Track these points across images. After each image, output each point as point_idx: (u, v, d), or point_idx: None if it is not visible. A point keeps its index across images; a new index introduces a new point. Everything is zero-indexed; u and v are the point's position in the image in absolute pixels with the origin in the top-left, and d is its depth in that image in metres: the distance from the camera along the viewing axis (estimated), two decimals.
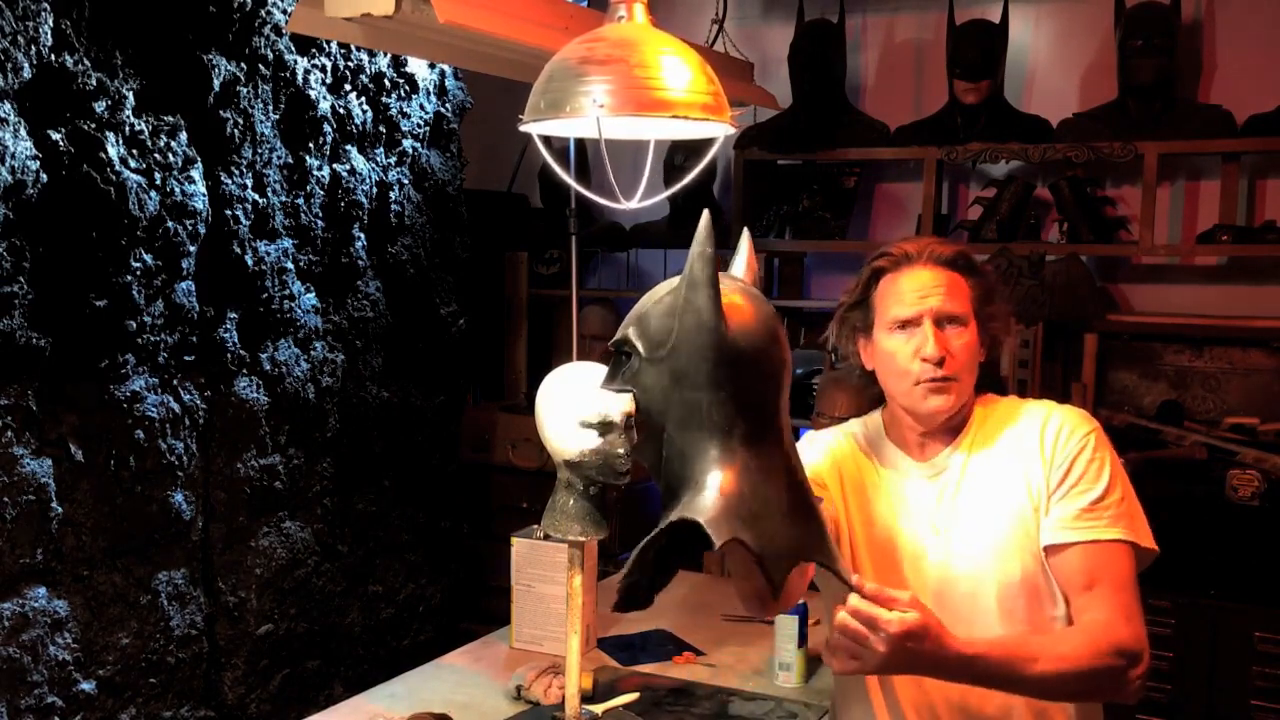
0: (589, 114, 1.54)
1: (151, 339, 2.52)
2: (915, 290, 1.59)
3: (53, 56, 2.23)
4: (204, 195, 2.61)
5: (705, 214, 1.31)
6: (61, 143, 2.26)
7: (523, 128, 1.67)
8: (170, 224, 2.52)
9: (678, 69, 1.57)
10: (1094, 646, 1.45)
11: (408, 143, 3.34)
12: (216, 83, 2.62)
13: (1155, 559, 1.55)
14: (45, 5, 2.20)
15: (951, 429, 1.64)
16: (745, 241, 1.40)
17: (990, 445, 1.61)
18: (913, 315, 1.58)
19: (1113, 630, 1.46)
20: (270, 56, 2.77)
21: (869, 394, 1.72)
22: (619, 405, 1.80)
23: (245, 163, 2.74)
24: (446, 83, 3.50)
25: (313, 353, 3.03)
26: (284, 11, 2.74)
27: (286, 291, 2.89)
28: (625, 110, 1.55)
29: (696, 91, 1.58)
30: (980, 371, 1.64)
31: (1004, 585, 1.55)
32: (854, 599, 1.31)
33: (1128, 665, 1.45)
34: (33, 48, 2.18)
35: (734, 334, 1.29)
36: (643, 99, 1.54)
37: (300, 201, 2.92)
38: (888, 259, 1.64)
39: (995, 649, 1.42)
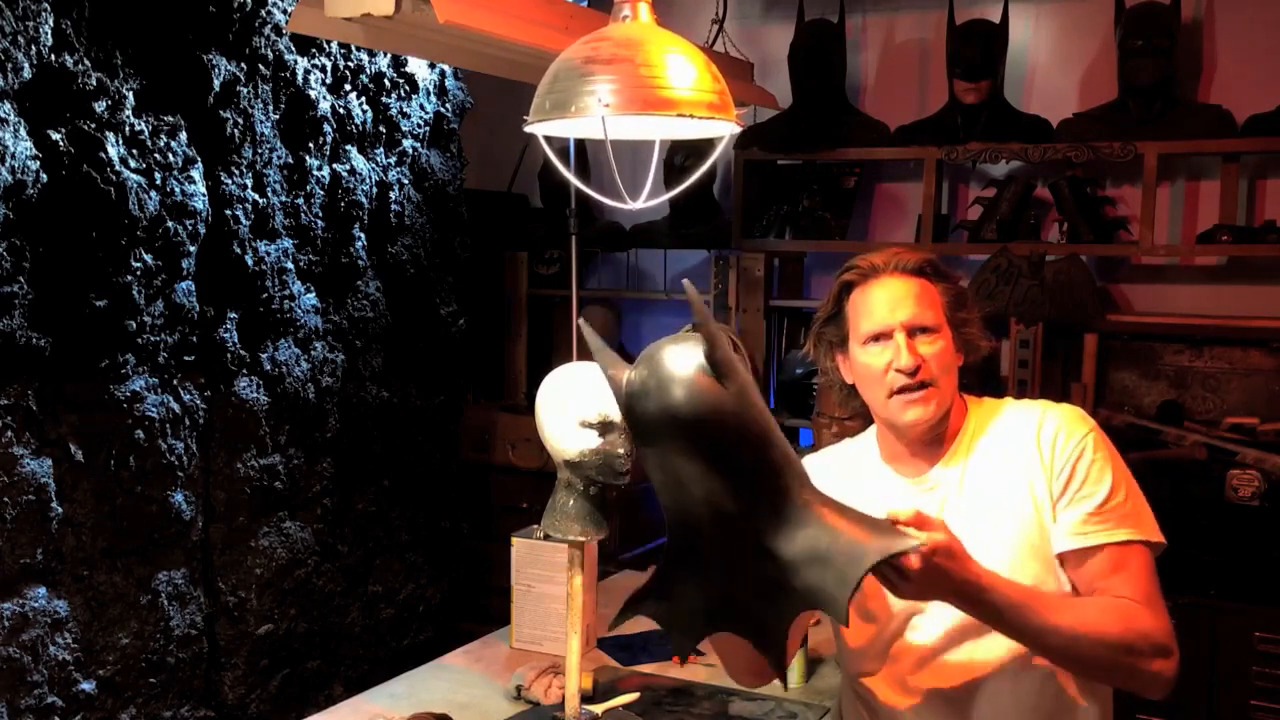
0: (594, 114, 1.54)
1: (151, 339, 2.52)
2: (885, 302, 1.58)
3: (53, 56, 2.23)
4: (204, 195, 2.61)
5: (687, 284, 1.30)
6: (61, 143, 2.26)
7: (528, 128, 1.67)
8: (170, 224, 2.52)
9: (683, 68, 1.57)
10: (1119, 620, 1.44)
11: (408, 143, 3.34)
12: (216, 83, 2.62)
13: (1163, 550, 1.55)
14: (45, 5, 2.20)
15: (939, 439, 1.62)
16: None
17: (984, 453, 1.60)
18: (884, 328, 1.57)
19: (1138, 614, 1.45)
20: (270, 56, 2.77)
21: (853, 406, 1.71)
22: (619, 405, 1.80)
23: (245, 163, 2.74)
24: (446, 83, 3.50)
25: (313, 353, 3.03)
26: (284, 11, 2.74)
27: (286, 291, 2.89)
28: (631, 109, 1.54)
29: (702, 90, 1.58)
30: (974, 374, 1.64)
31: None
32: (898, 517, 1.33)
33: (1151, 654, 1.44)
34: (33, 48, 2.18)
35: (637, 421, 1.29)
36: (648, 98, 1.54)
37: (300, 201, 2.92)
38: (855, 272, 1.63)
39: (1014, 588, 1.41)
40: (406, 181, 3.36)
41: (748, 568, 1.30)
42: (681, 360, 1.26)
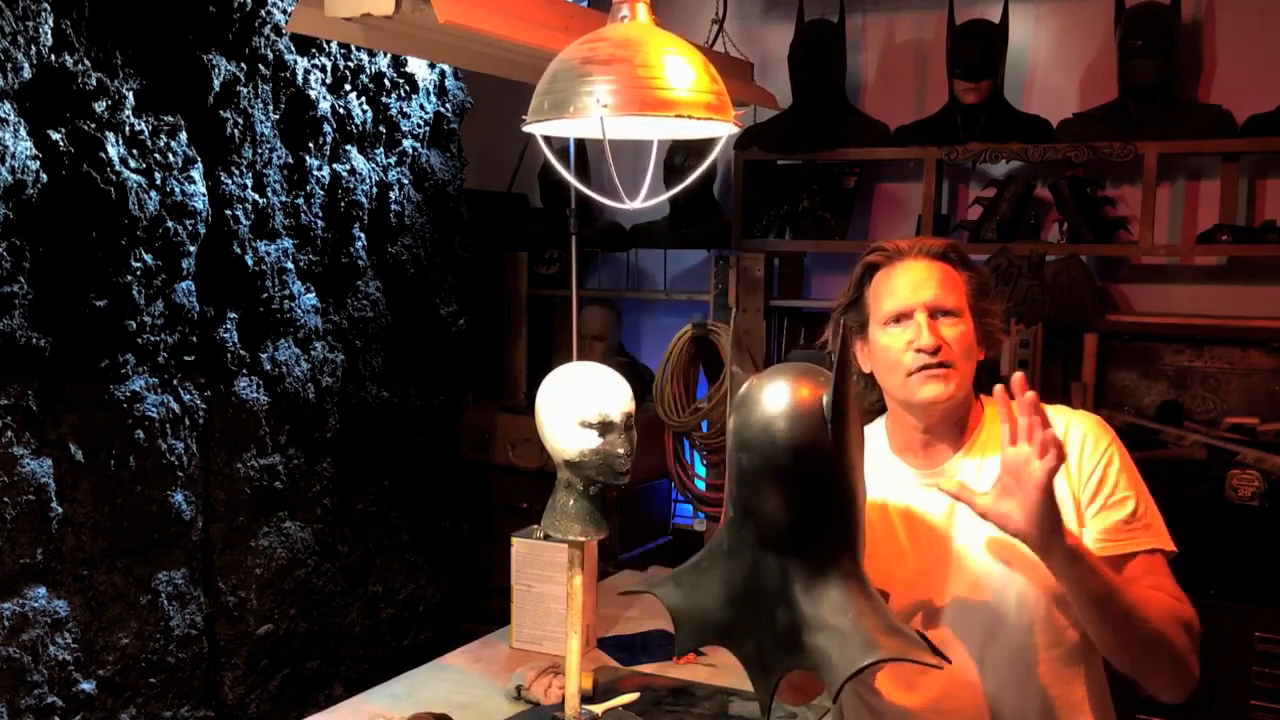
0: (592, 114, 1.54)
1: (151, 339, 2.52)
2: (908, 283, 1.57)
3: (53, 56, 2.23)
4: (204, 195, 2.61)
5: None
6: (61, 143, 2.26)
7: (526, 128, 1.67)
8: (170, 224, 2.52)
9: (681, 68, 1.57)
10: (1170, 606, 1.47)
11: (408, 143, 3.34)
12: (216, 83, 2.62)
13: (1173, 557, 1.56)
14: (45, 5, 2.20)
15: (956, 430, 1.61)
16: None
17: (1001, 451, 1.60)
18: (906, 307, 1.56)
19: (1177, 606, 1.48)
20: (270, 56, 2.77)
21: (866, 401, 1.71)
22: (619, 405, 1.80)
23: (245, 163, 2.74)
24: (446, 83, 3.50)
25: (313, 353, 3.03)
26: (284, 11, 2.74)
27: (286, 291, 2.89)
28: (629, 110, 1.54)
29: (700, 91, 1.58)
30: (988, 374, 1.62)
31: (1023, 593, 1.53)
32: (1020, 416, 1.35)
33: (1193, 642, 1.46)
34: (33, 48, 2.18)
35: (739, 421, 1.32)
36: (646, 99, 1.54)
37: (300, 201, 2.93)
38: (880, 254, 1.62)
39: (1095, 559, 1.41)
40: (406, 181, 3.36)
41: (772, 603, 1.32)
42: (802, 391, 1.29)
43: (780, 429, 1.28)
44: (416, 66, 3.31)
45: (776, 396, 1.29)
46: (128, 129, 2.40)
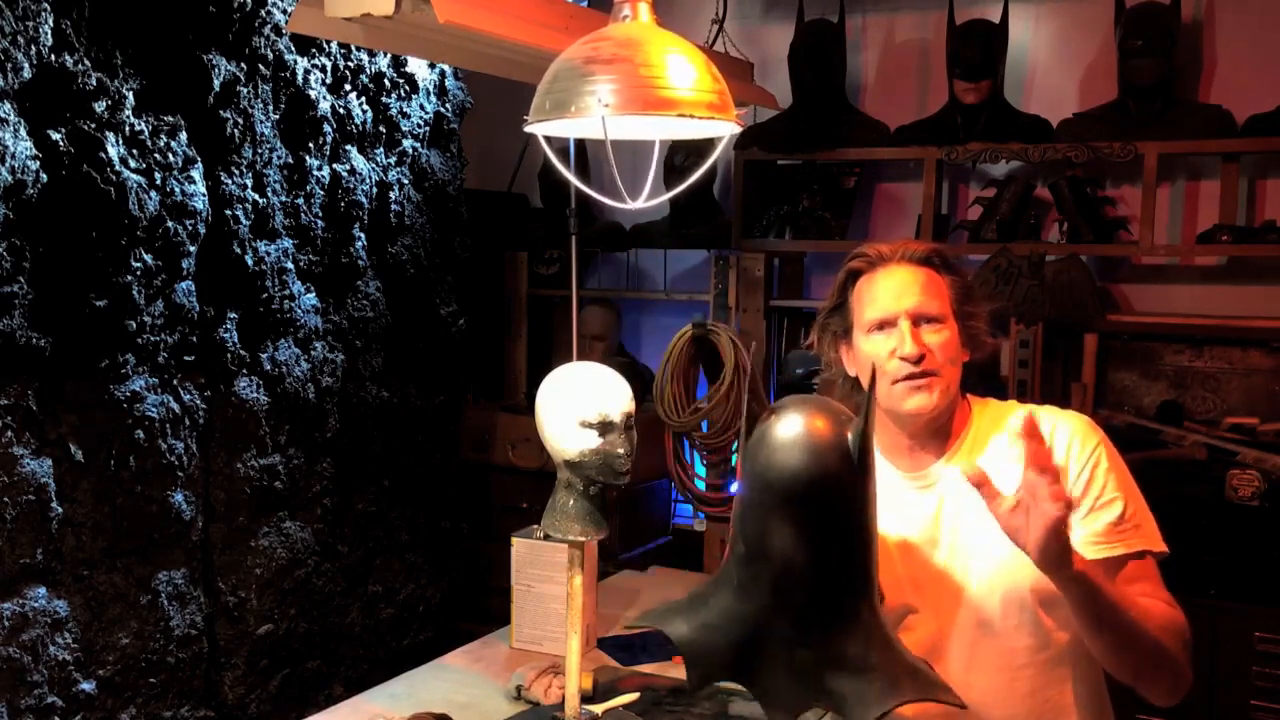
0: (594, 114, 1.54)
1: (151, 339, 2.52)
2: (891, 290, 1.57)
3: (53, 56, 2.23)
4: (204, 195, 2.61)
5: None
6: (61, 143, 2.26)
7: (528, 128, 1.66)
8: (170, 224, 2.52)
9: (683, 68, 1.57)
10: (1168, 615, 1.46)
11: (408, 143, 3.34)
12: (216, 83, 2.62)
13: (1164, 558, 1.55)
14: (45, 5, 2.20)
15: (942, 434, 1.61)
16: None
17: (989, 454, 1.58)
18: (889, 315, 1.56)
19: (1173, 614, 1.47)
20: (270, 56, 2.77)
21: (853, 403, 1.70)
22: (619, 405, 1.80)
23: (245, 163, 2.74)
24: (446, 83, 3.50)
25: (313, 353, 3.03)
26: (284, 11, 2.74)
27: (286, 291, 2.89)
28: (631, 109, 1.54)
29: (702, 90, 1.58)
30: (976, 373, 1.62)
31: (1010, 596, 1.53)
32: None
33: (1186, 650, 1.45)
34: (33, 48, 2.18)
35: (760, 458, 1.30)
36: (648, 98, 1.54)
37: (300, 201, 2.92)
38: (863, 260, 1.62)
39: (1099, 577, 1.38)
40: (406, 181, 3.36)
41: (790, 643, 1.31)
42: (822, 426, 1.28)
43: (803, 465, 1.26)
44: (416, 66, 3.31)
45: (799, 433, 1.27)
46: (128, 129, 2.40)
